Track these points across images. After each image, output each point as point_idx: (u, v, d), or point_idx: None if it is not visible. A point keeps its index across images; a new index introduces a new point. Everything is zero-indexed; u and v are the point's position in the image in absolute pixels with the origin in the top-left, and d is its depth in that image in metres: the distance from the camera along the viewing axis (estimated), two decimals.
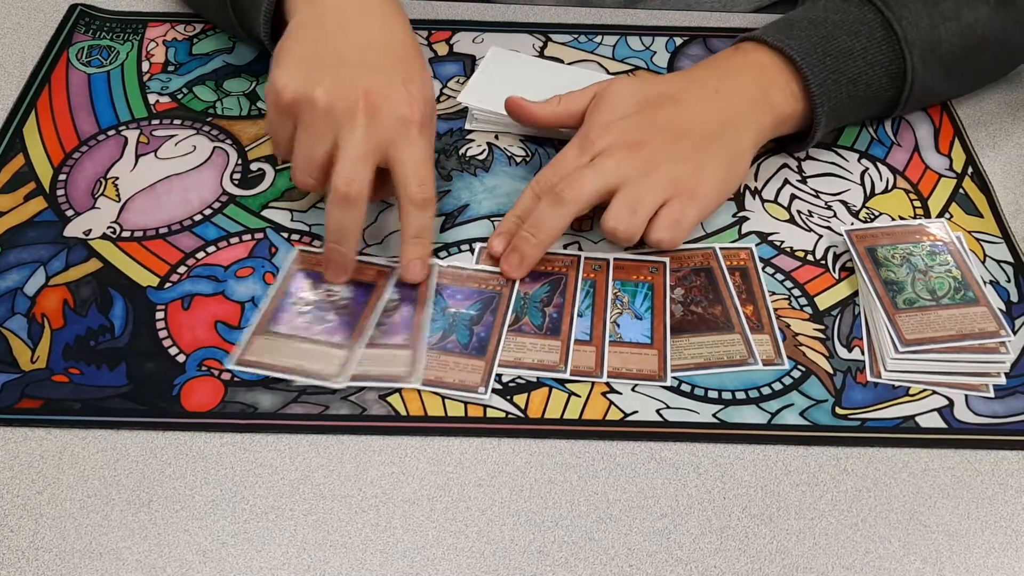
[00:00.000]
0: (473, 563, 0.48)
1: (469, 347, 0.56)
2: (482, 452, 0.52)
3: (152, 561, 0.47)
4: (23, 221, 0.63)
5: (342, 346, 0.56)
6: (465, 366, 0.55)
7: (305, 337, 0.56)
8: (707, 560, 0.48)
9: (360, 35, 0.60)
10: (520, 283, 0.59)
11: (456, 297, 0.59)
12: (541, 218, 0.58)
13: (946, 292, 0.58)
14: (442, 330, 0.57)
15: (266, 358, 0.55)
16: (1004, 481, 0.52)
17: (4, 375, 0.54)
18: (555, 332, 0.57)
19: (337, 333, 0.56)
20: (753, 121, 0.63)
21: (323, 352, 0.55)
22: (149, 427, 0.53)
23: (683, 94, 0.63)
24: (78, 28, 0.77)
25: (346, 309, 0.57)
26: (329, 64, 0.57)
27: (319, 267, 0.59)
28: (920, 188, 0.68)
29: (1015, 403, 0.55)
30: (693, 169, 0.60)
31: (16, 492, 0.50)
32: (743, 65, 0.65)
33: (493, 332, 0.57)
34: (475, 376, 0.55)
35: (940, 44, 0.66)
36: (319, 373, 0.54)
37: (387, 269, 0.60)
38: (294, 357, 0.55)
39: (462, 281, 0.60)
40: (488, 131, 0.70)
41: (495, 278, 0.60)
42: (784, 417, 0.54)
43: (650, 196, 0.58)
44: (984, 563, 0.49)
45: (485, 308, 0.58)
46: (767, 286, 0.61)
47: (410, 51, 0.61)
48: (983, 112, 0.74)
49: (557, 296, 0.58)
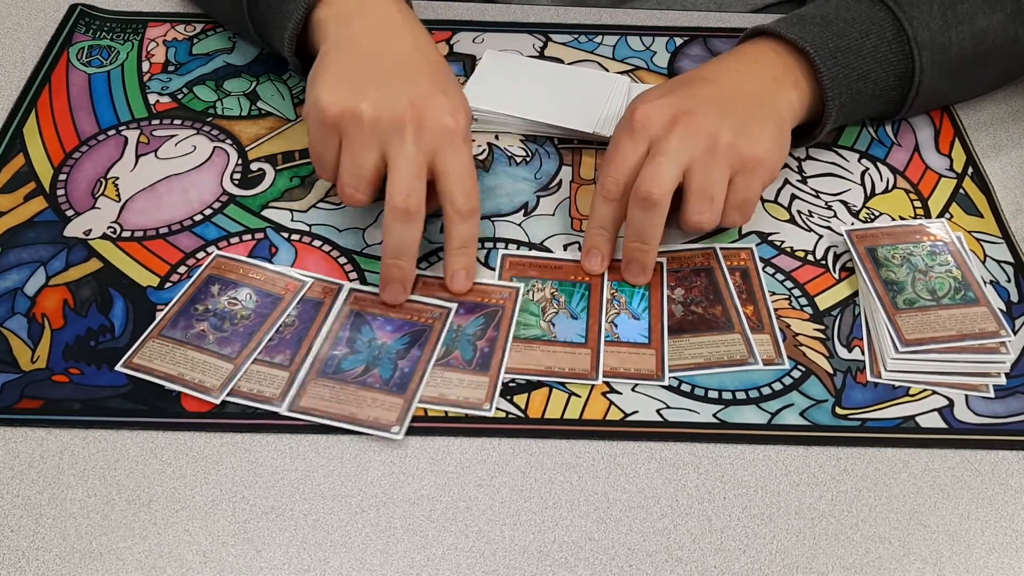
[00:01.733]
0: (473, 563, 0.48)
1: (390, 383, 0.54)
2: (482, 452, 0.52)
3: (152, 561, 0.47)
4: (23, 221, 0.63)
5: (229, 359, 0.55)
6: (383, 403, 0.53)
7: (197, 346, 0.55)
8: (707, 560, 0.48)
9: (395, 52, 0.61)
10: (455, 316, 0.57)
11: (386, 328, 0.57)
12: (643, 228, 0.58)
13: (946, 292, 0.58)
14: (365, 363, 0.55)
15: (154, 363, 0.54)
16: (1004, 481, 0.52)
17: (4, 375, 0.54)
18: (484, 368, 0.55)
19: (228, 345, 0.55)
20: (783, 95, 0.63)
21: (209, 363, 0.54)
22: (149, 427, 0.53)
23: (711, 75, 0.63)
24: (78, 28, 0.77)
25: (246, 320, 0.56)
26: (371, 79, 0.58)
27: (230, 273, 0.59)
28: (920, 188, 0.68)
29: (1015, 403, 0.55)
30: (751, 138, 0.59)
31: (16, 492, 0.50)
32: (758, 52, 0.65)
33: (417, 368, 0.55)
34: (391, 414, 0.53)
35: (950, 47, 0.66)
36: (199, 385, 0.53)
37: (296, 283, 0.59)
38: (179, 365, 0.54)
39: (394, 311, 0.58)
40: (488, 131, 0.70)
41: (428, 309, 0.58)
42: (784, 417, 0.54)
43: (720, 179, 0.58)
44: (984, 563, 0.49)
45: (413, 342, 0.56)
46: (767, 286, 0.61)
47: (442, 64, 0.62)
48: (983, 112, 0.74)
49: (491, 330, 0.57)
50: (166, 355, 0.55)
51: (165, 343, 0.55)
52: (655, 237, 0.58)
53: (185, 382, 0.53)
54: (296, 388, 0.54)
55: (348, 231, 0.63)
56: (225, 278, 0.59)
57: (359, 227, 0.63)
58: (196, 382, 0.53)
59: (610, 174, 0.59)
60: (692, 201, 0.58)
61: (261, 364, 0.55)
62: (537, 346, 0.57)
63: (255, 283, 0.59)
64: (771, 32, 0.65)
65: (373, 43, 0.61)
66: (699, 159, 0.58)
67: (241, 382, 0.54)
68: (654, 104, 0.59)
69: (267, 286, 0.58)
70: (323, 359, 0.55)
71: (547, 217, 0.65)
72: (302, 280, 0.59)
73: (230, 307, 0.57)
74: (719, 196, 0.58)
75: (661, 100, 0.60)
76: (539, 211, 0.65)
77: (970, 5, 0.65)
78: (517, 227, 0.64)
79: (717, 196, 0.58)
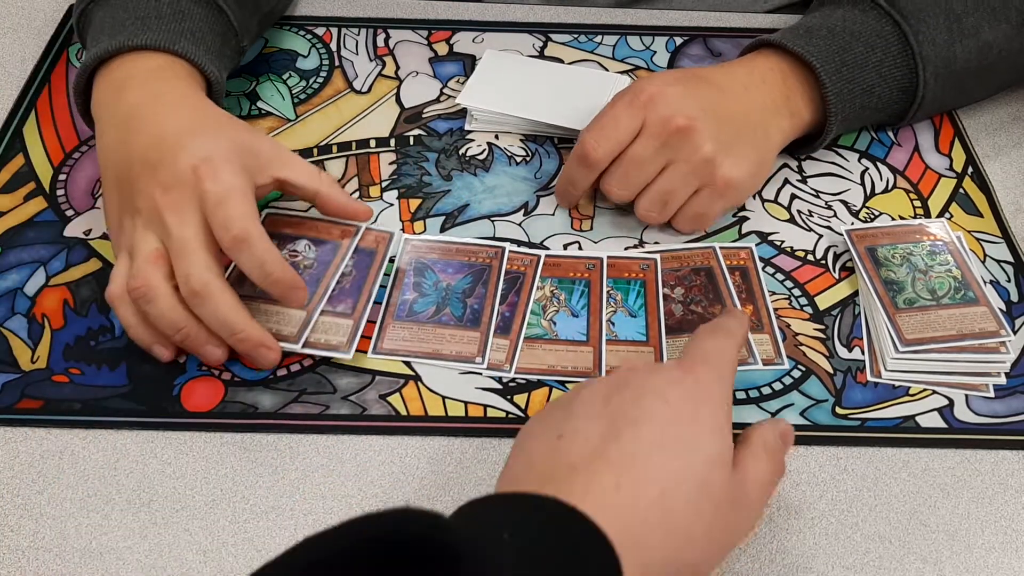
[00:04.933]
0: None
1: (463, 320, 0.57)
2: (482, 452, 0.52)
3: (152, 561, 0.47)
4: (23, 221, 0.63)
5: (302, 307, 0.55)
6: (461, 338, 0.56)
7: (266, 298, 0.55)
8: None
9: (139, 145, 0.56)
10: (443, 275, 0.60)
11: (447, 271, 0.60)
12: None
13: (946, 292, 0.58)
14: (435, 304, 0.58)
15: None
16: (1004, 481, 0.52)
17: (4, 375, 0.54)
18: (475, 323, 0.57)
19: None
20: (776, 124, 0.64)
21: (283, 313, 0.55)
22: (149, 427, 0.53)
23: (721, 82, 0.63)
24: None
25: (310, 270, 0.57)
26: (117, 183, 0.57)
27: (287, 228, 0.60)
28: (920, 188, 0.68)
29: (1015, 403, 0.55)
30: (733, 161, 0.61)
31: (16, 492, 0.50)
32: (767, 69, 0.65)
33: (486, 304, 0.58)
34: (472, 347, 0.56)
35: (955, 61, 0.65)
36: (278, 334, 0.54)
37: (351, 229, 0.60)
38: (256, 315, 0.54)
39: (451, 255, 0.61)
40: (488, 131, 0.70)
41: (483, 250, 0.61)
42: (784, 417, 0.54)
43: (684, 188, 0.61)
44: (984, 563, 0.49)
45: (476, 280, 0.59)
46: (767, 286, 0.61)
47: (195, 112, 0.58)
48: (983, 113, 0.74)
49: (479, 287, 0.59)
50: None
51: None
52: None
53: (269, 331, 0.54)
54: (376, 333, 0.56)
55: None
56: (281, 233, 0.60)
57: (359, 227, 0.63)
58: (275, 332, 0.54)
59: (601, 142, 0.60)
60: (647, 197, 0.61)
61: (326, 315, 0.56)
62: (539, 345, 0.57)
63: (310, 234, 0.60)
64: (778, 44, 0.65)
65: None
66: (676, 162, 0.60)
67: (311, 334, 0.55)
68: (663, 93, 0.60)
69: (323, 235, 0.60)
70: (395, 304, 0.58)
71: (547, 217, 0.65)
72: (356, 226, 0.60)
73: (291, 259, 0.58)
74: (674, 203, 0.61)
75: (671, 89, 0.60)
76: (539, 211, 0.65)
77: (976, 18, 0.65)
78: (517, 227, 0.64)
79: (672, 202, 0.61)
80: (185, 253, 0.52)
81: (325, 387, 0.55)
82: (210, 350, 0.53)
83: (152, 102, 0.57)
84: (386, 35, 0.78)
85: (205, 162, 0.53)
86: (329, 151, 0.69)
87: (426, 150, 0.69)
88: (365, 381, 0.55)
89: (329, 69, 0.75)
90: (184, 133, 0.55)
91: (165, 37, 0.60)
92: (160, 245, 0.53)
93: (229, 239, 0.52)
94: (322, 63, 0.75)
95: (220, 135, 0.55)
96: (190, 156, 0.53)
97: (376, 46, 0.77)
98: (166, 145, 0.54)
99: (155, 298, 0.52)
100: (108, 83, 0.59)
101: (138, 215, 0.53)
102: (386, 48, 0.77)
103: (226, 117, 0.58)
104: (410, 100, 0.73)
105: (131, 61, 0.59)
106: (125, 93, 0.58)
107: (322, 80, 0.74)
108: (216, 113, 0.58)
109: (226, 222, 0.52)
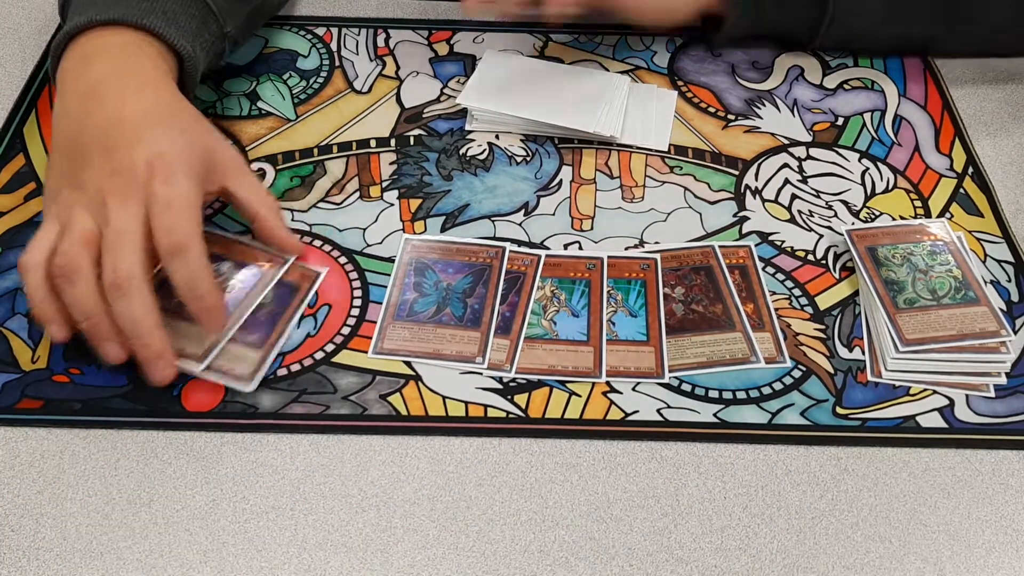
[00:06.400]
0: (473, 563, 0.48)
1: (464, 320, 0.57)
2: (482, 452, 0.52)
3: (152, 561, 0.47)
4: (23, 221, 0.63)
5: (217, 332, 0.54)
6: (462, 338, 0.56)
7: (178, 313, 0.54)
8: (707, 559, 0.48)
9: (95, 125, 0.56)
10: (443, 274, 0.60)
11: (447, 271, 0.60)
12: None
13: (947, 292, 0.58)
14: (436, 304, 0.58)
15: None
16: (1004, 481, 0.52)
17: (4, 375, 0.54)
18: (475, 323, 0.57)
19: None
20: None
21: (192, 332, 0.54)
22: (149, 427, 0.53)
23: None
24: None
25: (228, 293, 0.56)
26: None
27: (216, 246, 0.58)
28: (921, 188, 0.68)
29: (1016, 403, 0.55)
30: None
31: (17, 492, 0.50)
32: None
33: (486, 304, 0.58)
34: (472, 347, 0.56)
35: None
36: (183, 351, 0.53)
37: (279, 260, 0.59)
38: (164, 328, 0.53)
39: (451, 255, 0.61)
40: (488, 131, 0.70)
41: (483, 250, 0.61)
42: (785, 417, 0.54)
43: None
44: (984, 563, 0.49)
45: (477, 280, 0.59)
46: (768, 286, 0.61)
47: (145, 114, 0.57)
48: (984, 112, 0.74)
49: (480, 287, 0.59)
50: None
51: None
52: None
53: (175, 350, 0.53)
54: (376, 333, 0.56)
55: (348, 231, 0.63)
56: (210, 251, 0.57)
57: (359, 227, 0.63)
58: (180, 350, 0.53)
59: None
60: None
61: (235, 343, 0.55)
62: (540, 345, 0.57)
63: (237, 257, 0.59)
64: None
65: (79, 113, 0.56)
66: None
67: (216, 359, 0.54)
68: None
69: (249, 260, 0.59)
70: (395, 304, 0.58)
71: (547, 217, 0.65)
72: (284, 258, 0.59)
73: (215, 277, 0.57)
74: None
75: None
76: (539, 211, 0.65)
77: None
78: (517, 227, 0.64)
79: None
80: (119, 244, 0.51)
81: (325, 387, 0.55)
82: (110, 347, 0.52)
83: (117, 77, 0.56)
84: (386, 35, 0.78)
85: (160, 158, 0.52)
86: (329, 151, 0.69)
87: (426, 150, 0.69)
88: (365, 381, 0.55)
89: (329, 69, 0.75)
90: (144, 120, 0.54)
91: (135, 12, 0.59)
92: (95, 227, 0.52)
93: (169, 244, 0.51)
94: (322, 63, 0.76)
95: (180, 131, 0.55)
96: (147, 148, 0.52)
97: (376, 46, 0.77)
98: (125, 129, 0.53)
99: (77, 280, 0.51)
100: (76, 55, 0.59)
101: (80, 190, 0.53)
102: (386, 48, 0.77)
103: (189, 110, 0.57)
104: (410, 100, 0.73)
105: (100, 36, 0.59)
106: (91, 65, 0.57)
107: (322, 80, 0.74)
108: (180, 103, 0.57)
109: (170, 227, 0.51)
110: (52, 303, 0.52)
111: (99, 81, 0.56)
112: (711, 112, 0.73)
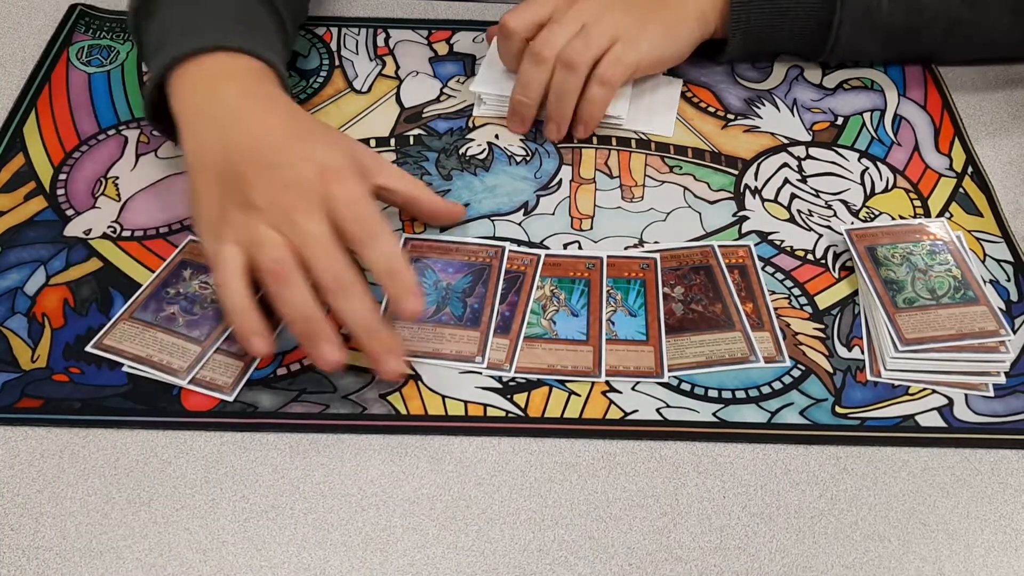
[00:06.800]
0: (473, 563, 0.48)
1: (463, 319, 0.57)
2: (482, 451, 0.52)
3: (152, 560, 0.47)
4: (23, 221, 0.63)
5: (197, 341, 0.55)
6: (461, 337, 0.57)
7: (166, 328, 0.56)
8: (707, 559, 0.48)
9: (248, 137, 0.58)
10: (443, 274, 0.60)
11: (447, 270, 0.60)
12: (562, 89, 0.67)
13: (946, 291, 0.58)
14: (436, 303, 0.58)
15: (124, 345, 0.55)
16: (1004, 480, 0.52)
17: (4, 375, 0.54)
18: (475, 323, 0.57)
19: (197, 328, 0.56)
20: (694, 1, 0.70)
21: (177, 345, 0.55)
22: (149, 427, 0.53)
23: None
24: (78, 28, 0.77)
25: (216, 304, 0.57)
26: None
27: (202, 257, 0.58)
28: (920, 187, 0.68)
29: (1015, 402, 0.55)
30: (636, 22, 0.67)
31: (16, 491, 0.50)
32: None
33: (486, 303, 0.58)
34: (471, 346, 0.56)
35: (879, 11, 0.69)
36: (167, 366, 0.54)
37: None
38: (148, 347, 0.55)
39: (451, 254, 0.61)
40: (498, 115, 0.70)
41: (482, 250, 0.61)
42: (784, 416, 0.54)
43: (602, 35, 0.66)
44: (984, 562, 0.49)
45: (476, 280, 0.59)
46: (767, 285, 0.61)
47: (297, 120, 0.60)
48: (983, 112, 0.74)
49: (479, 286, 0.59)
50: (135, 337, 0.55)
51: (135, 325, 0.56)
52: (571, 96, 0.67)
53: (152, 363, 0.54)
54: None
55: None
56: (196, 262, 0.59)
57: None
58: (163, 363, 0.54)
59: (541, 41, 0.66)
60: (572, 42, 0.66)
61: (221, 352, 0.55)
62: (539, 344, 0.57)
63: None
64: None
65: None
66: (590, 23, 0.66)
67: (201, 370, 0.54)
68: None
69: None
70: None
71: (547, 216, 0.65)
72: None
73: (200, 291, 0.58)
74: (595, 47, 0.66)
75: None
76: (539, 210, 0.65)
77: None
78: (517, 226, 0.64)
79: (594, 46, 0.66)
80: (324, 248, 0.52)
81: (325, 386, 0.55)
82: (328, 348, 0.52)
83: (251, 102, 0.58)
84: (386, 35, 0.78)
85: (327, 167, 0.54)
86: None
87: (426, 150, 0.69)
88: (365, 380, 0.55)
89: (329, 69, 0.75)
90: (292, 137, 0.56)
91: (248, 41, 0.61)
92: (286, 239, 0.53)
93: (362, 233, 0.53)
94: (322, 63, 0.76)
95: (328, 143, 0.57)
96: (310, 160, 0.54)
97: (376, 46, 0.77)
98: (276, 147, 0.55)
99: (294, 281, 0.52)
100: (194, 81, 0.59)
101: (254, 209, 0.53)
102: (386, 48, 0.77)
103: (322, 124, 0.60)
104: (410, 100, 0.73)
105: (217, 60, 0.60)
106: (219, 92, 0.58)
107: (322, 80, 0.74)
108: (311, 119, 0.60)
109: (358, 217, 0.53)
110: (253, 314, 0.53)
111: (233, 107, 0.58)
112: (711, 112, 0.73)
